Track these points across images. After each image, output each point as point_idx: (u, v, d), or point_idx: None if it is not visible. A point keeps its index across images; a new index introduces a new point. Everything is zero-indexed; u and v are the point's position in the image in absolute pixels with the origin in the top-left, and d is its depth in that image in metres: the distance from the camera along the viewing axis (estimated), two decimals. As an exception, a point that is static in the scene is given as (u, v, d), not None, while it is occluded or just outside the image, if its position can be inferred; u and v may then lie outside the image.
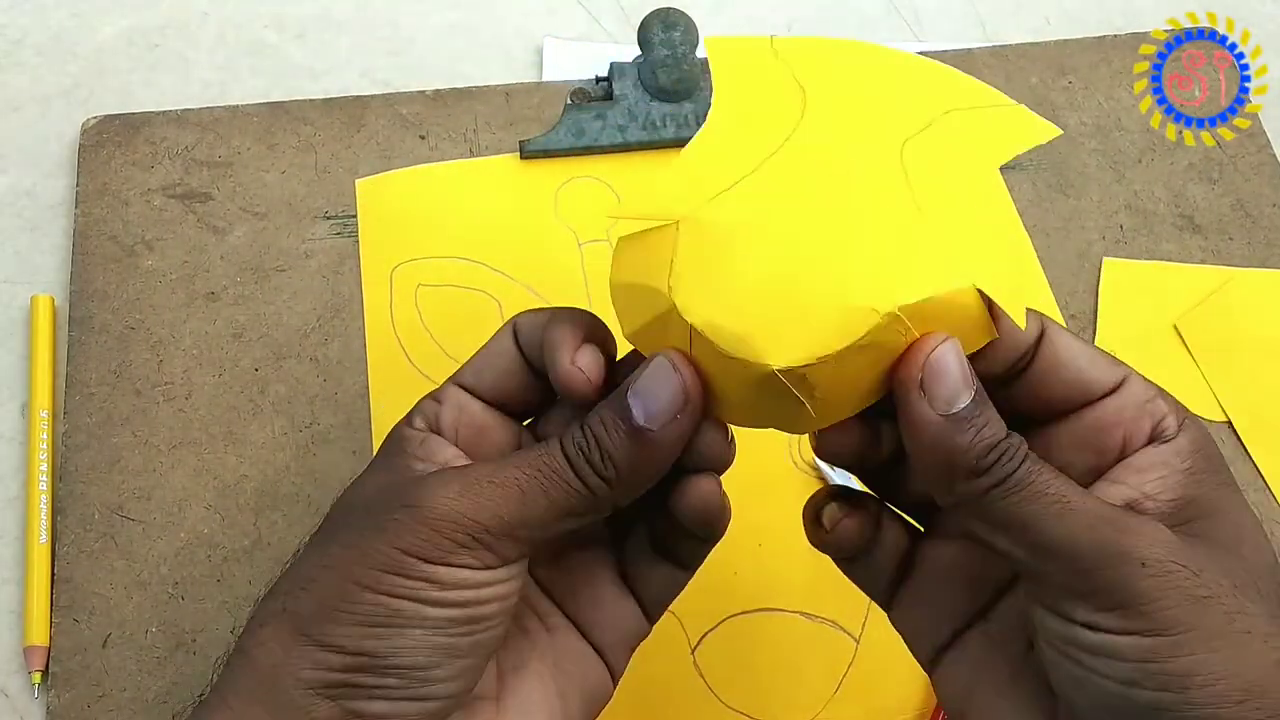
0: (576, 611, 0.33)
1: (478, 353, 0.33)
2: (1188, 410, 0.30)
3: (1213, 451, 0.30)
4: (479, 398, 0.33)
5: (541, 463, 0.29)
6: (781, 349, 0.27)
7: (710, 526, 0.31)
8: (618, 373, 0.31)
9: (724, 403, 0.29)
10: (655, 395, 0.29)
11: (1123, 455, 0.29)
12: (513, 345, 0.32)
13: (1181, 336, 0.51)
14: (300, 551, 0.32)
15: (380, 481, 0.31)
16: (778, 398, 0.27)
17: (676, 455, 0.30)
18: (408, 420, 0.32)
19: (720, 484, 0.31)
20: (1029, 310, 0.29)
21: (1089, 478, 0.30)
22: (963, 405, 0.27)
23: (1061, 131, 0.34)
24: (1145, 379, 0.30)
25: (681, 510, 0.31)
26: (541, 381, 0.32)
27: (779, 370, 0.27)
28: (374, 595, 0.28)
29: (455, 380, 0.33)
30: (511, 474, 0.29)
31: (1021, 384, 0.30)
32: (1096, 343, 0.51)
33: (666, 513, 0.32)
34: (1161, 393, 0.30)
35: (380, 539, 0.28)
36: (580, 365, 0.30)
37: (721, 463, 0.31)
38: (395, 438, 0.32)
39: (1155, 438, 0.29)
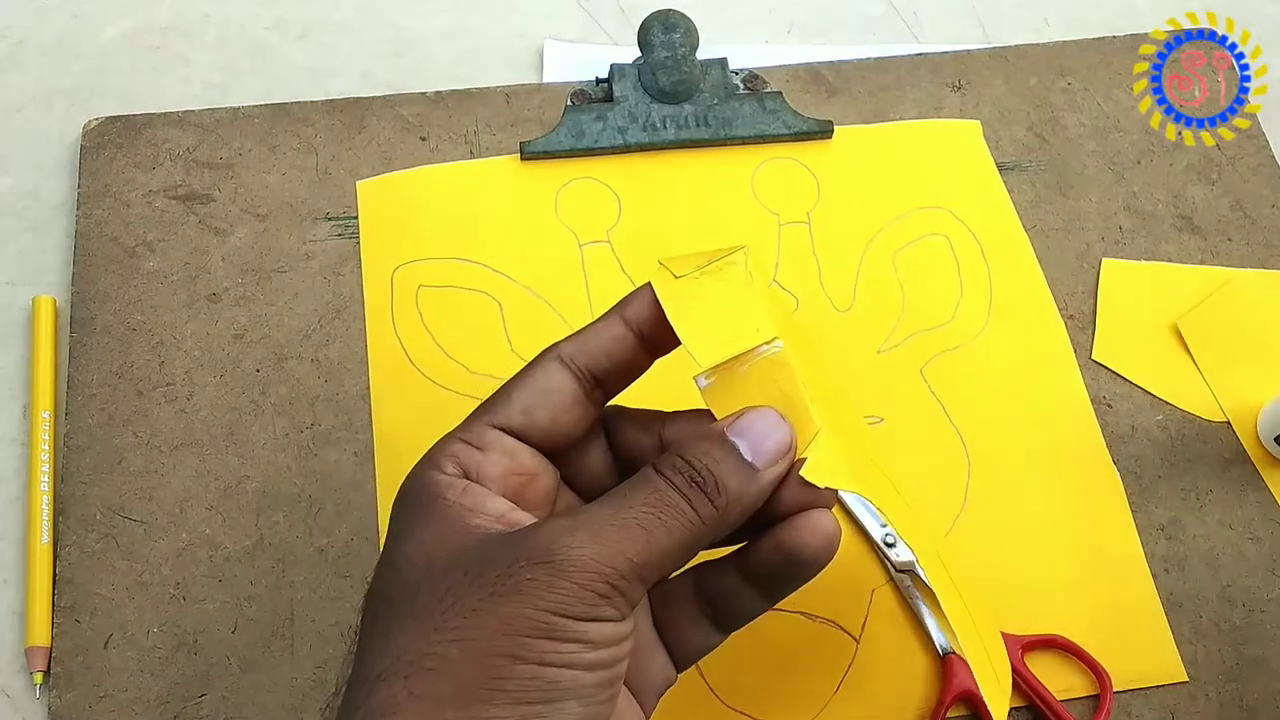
0: None
1: (513, 390, 0.31)
2: None
3: None
4: (526, 441, 0.31)
5: (654, 497, 0.28)
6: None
7: (824, 559, 0.31)
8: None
9: None
10: (766, 437, 0.30)
11: None
12: (569, 380, 0.31)
13: (1181, 337, 0.51)
14: (359, 645, 0.28)
15: (448, 542, 0.28)
16: None
17: (766, 496, 0.30)
18: (433, 464, 0.30)
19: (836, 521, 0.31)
20: None
21: None
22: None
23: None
24: None
25: (803, 541, 0.31)
26: (592, 410, 0.32)
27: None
28: (528, 667, 0.25)
29: (491, 422, 0.31)
30: (628, 513, 0.28)
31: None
32: (1095, 343, 0.51)
33: (755, 555, 0.32)
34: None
35: (521, 602, 0.25)
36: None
37: (828, 502, 0.31)
38: (426, 486, 0.29)
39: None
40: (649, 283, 0.32)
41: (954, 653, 0.43)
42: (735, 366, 0.31)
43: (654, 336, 0.32)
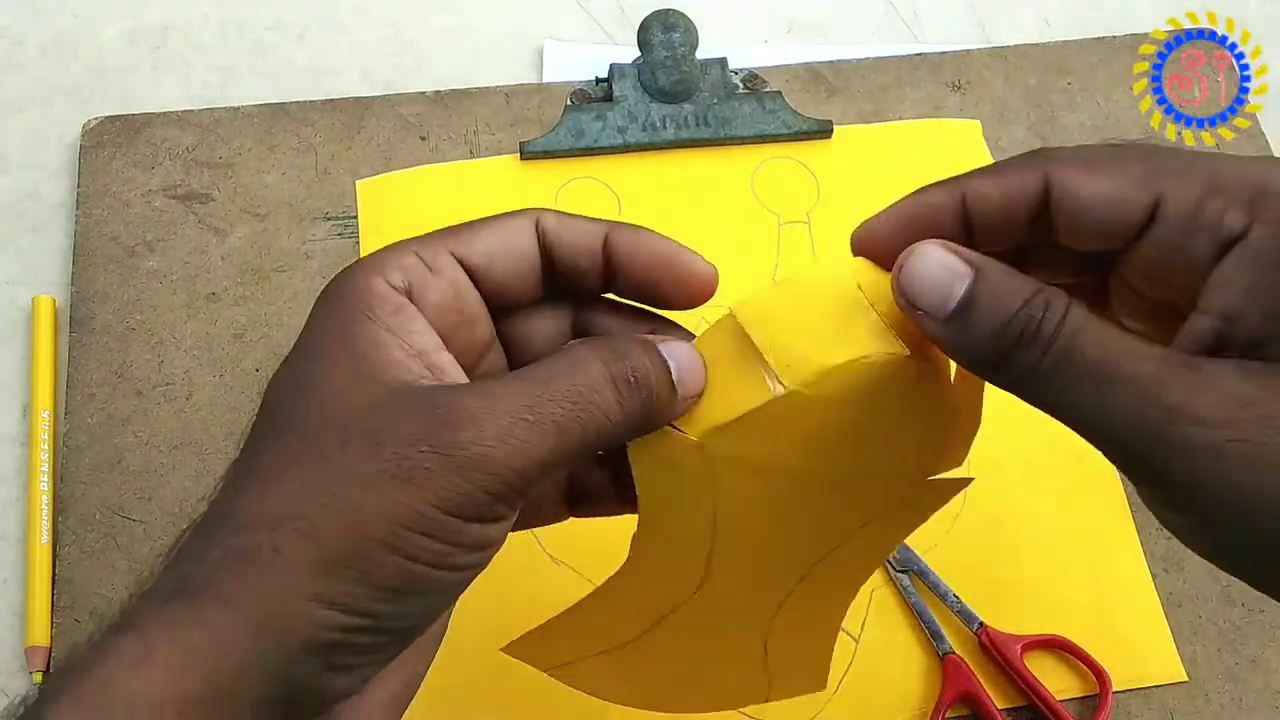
0: None
1: (483, 230, 0.29)
2: (1262, 186, 0.25)
3: None
4: (477, 283, 0.29)
5: (582, 390, 0.26)
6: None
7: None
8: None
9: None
10: (692, 370, 0.28)
11: (1203, 278, 0.25)
12: (535, 241, 0.30)
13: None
14: (250, 443, 0.27)
15: (359, 387, 0.26)
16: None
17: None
18: (378, 268, 0.28)
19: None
20: (1025, 162, 0.27)
21: (1175, 315, 0.26)
22: (956, 303, 0.26)
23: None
24: (1196, 172, 0.25)
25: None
26: (543, 287, 0.30)
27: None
28: (397, 558, 0.24)
29: (451, 249, 0.29)
30: (547, 408, 0.25)
31: (1054, 236, 0.27)
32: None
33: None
34: (1213, 186, 0.25)
35: (409, 491, 0.24)
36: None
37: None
38: (360, 291, 0.27)
39: (1224, 245, 0.25)
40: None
41: (953, 653, 0.43)
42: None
43: (627, 280, 0.31)
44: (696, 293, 0.30)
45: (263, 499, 0.25)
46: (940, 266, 0.26)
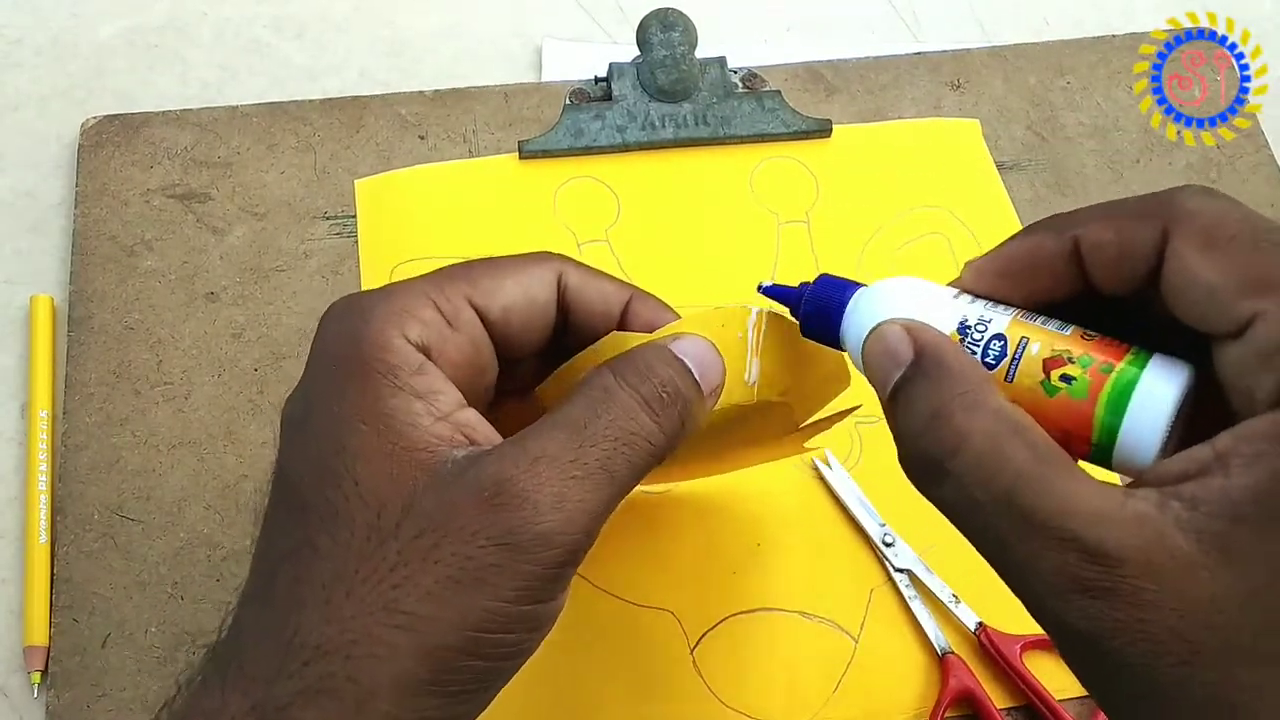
0: None
1: (505, 279, 0.28)
2: None
3: None
4: (491, 334, 0.28)
5: (619, 424, 0.25)
6: None
7: None
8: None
9: None
10: (709, 362, 0.27)
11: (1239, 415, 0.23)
12: (554, 295, 0.28)
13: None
14: (279, 527, 0.25)
15: (400, 471, 0.24)
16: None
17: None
18: (395, 321, 0.26)
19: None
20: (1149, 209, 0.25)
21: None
22: (890, 387, 0.25)
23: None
24: None
25: None
26: (553, 338, 0.29)
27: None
28: (475, 663, 0.23)
29: (472, 299, 0.27)
30: (591, 453, 0.24)
31: (1160, 301, 0.25)
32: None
33: None
34: None
35: (481, 594, 0.23)
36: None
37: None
38: (377, 350, 0.25)
39: (1273, 403, 0.22)
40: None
41: (953, 653, 0.43)
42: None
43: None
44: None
45: (327, 620, 0.23)
46: (883, 352, 0.26)
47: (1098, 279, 0.26)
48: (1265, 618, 0.20)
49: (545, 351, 0.30)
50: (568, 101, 0.54)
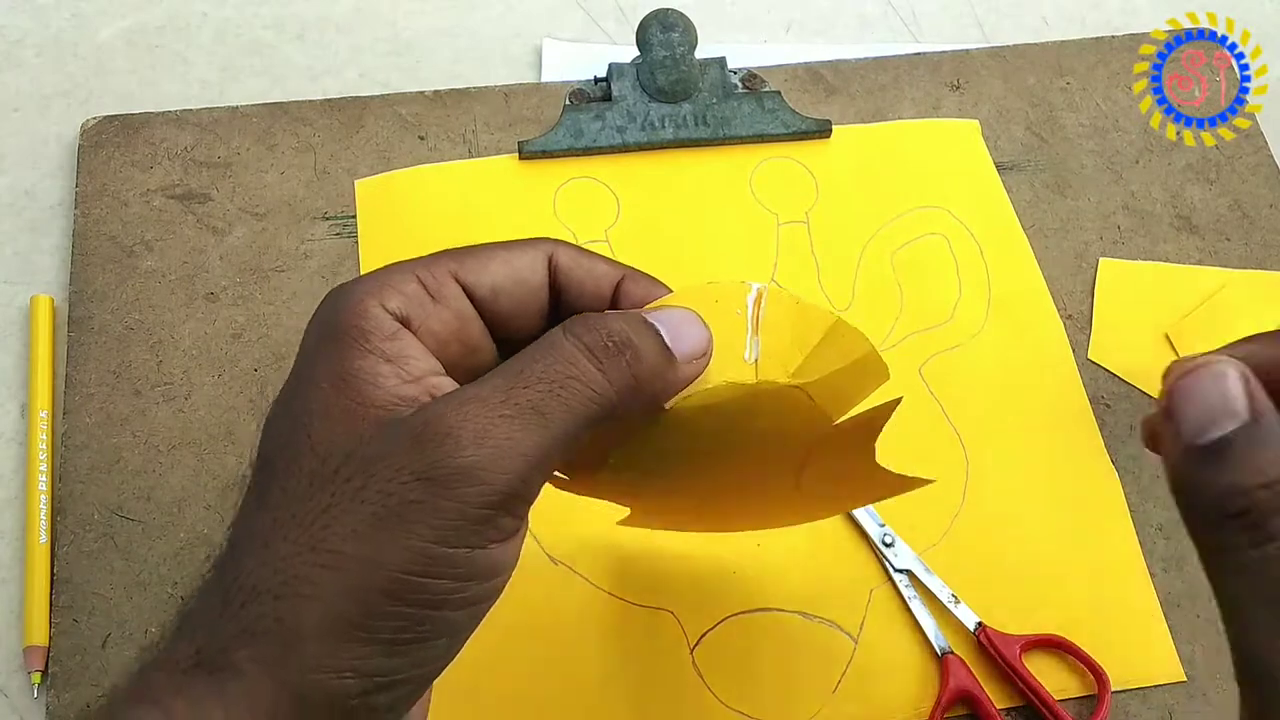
0: None
1: (494, 260, 0.27)
2: None
3: None
4: (481, 312, 0.27)
5: (556, 368, 0.24)
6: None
7: None
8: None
9: None
10: (686, 330, 0.27)
11: None
12: (545, 277, 0.28)
13: (1173, 343, 0.51)
14: (248, 493, 0.25)
15: (350, 423, 0.24)
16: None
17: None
18: (375, 291, 0.25)
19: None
20: None
21: None
22: (1215, 436, 0.23)
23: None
24: None
25: None
26: (546, 322, 0.28)
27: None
28: (403, 609, 0.23)
29: (458, 274, 0.27)
30: (522, 394, 0.24)
31: None
32: (1091, 343, 0.51)
33: None
34: None
35: (401, 531, 0.22)
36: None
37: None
38: (354, 316, 0.25)
39: None
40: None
41: (952, 652, 0.43)
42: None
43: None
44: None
45: (263, 562, 0.23)
46: (1219, 393, 0.24)
47: None
48: None
49: (541, 333, 0.29)
50: (567, 102, 0.54)
